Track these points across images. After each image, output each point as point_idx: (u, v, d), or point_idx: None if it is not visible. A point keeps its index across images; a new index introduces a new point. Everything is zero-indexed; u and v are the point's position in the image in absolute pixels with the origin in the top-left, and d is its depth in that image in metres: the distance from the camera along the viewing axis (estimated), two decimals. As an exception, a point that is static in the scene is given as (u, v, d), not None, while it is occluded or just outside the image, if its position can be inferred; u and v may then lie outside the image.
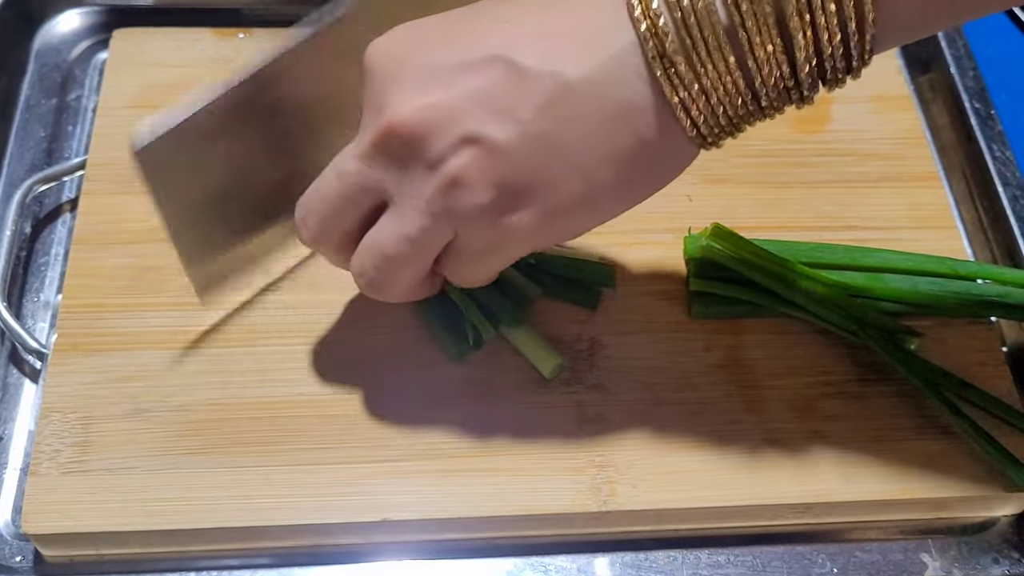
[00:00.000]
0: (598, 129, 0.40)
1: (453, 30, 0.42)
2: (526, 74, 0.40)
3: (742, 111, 0.41)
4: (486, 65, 0.40)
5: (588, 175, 0.41)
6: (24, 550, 0.51)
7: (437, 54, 0.41)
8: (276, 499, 0.50)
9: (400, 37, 0.43)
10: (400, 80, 0.41)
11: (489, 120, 0.40)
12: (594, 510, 0.51)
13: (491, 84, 0.40)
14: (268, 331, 0.55)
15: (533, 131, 0.40)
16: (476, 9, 0.43)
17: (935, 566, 0.53)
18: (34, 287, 0.60)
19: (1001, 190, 0.65)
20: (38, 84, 0.68)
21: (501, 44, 0.40)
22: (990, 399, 0.55)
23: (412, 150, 0.41)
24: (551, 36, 0.40)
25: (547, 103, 0.40)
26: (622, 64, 0.40)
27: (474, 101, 0.40)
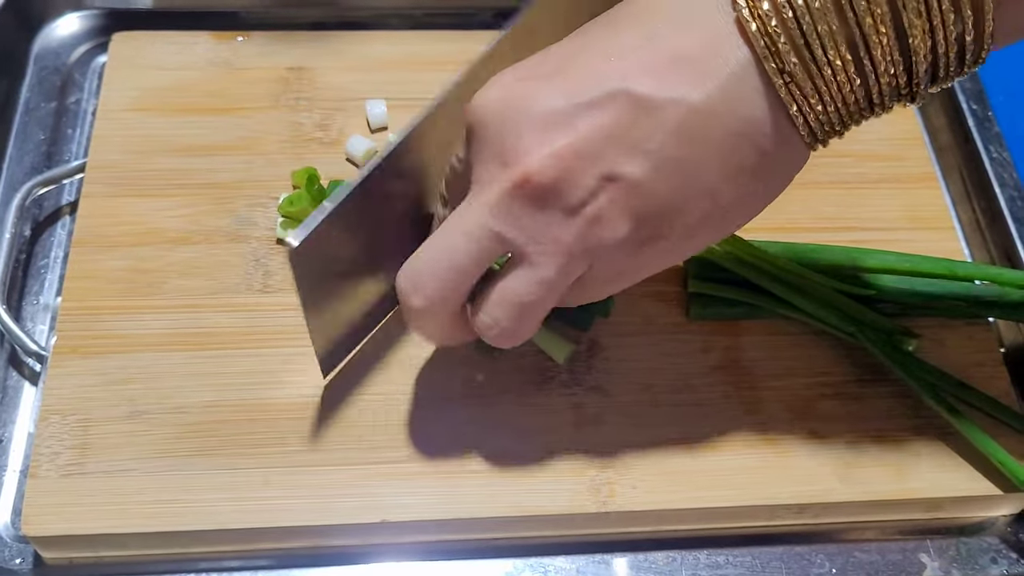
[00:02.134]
0: (722, 148, 0.40)
1: (562, 71, 0.41)
2: (649, 105, 0.39)
3: (854, 111, 0.41)
4: (608, 102, 0.40)
5: (716, 193, 0.41)
6: (24, 552, 0.51)
7: (553, 98, 0.40)
8: (275, 501, 0.50)
9: (506, 84, 0.42)
10: (520, 129, 0.41)
11: (621, 156, 0.40)
12: (593, 511, 0.51)
13: (616, 120, 0.40)
14: (267, 333, 0.56)
15: (664, 160, 0.40)
16: (576, 46, 0.42)
17: (933, 566, 0.53)
18: (33, 290, 0.60)
19: (998, 191, 0.65)
20: (37, 87, 0.68)
21: (618, 78, 0.40)
22: (988, 400, 0.55)
23: (548, 198, 0.41)
24: (665, 63, 0.40)
25: (674, 130, 0.40)
26: (741, 82, 0.39)
27: (603, 140, 0.40)
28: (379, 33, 0.69)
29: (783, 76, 0.39)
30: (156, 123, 0.63)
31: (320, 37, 0.68)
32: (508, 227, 0.42)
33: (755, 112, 0.40)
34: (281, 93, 0.65)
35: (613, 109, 0.40)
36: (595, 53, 0.41)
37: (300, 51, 0.67)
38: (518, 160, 0.40)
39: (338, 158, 0.63)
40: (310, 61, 0.67)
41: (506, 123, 0.41)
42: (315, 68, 0.67)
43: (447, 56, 0.68)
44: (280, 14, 0.72)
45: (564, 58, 0.42)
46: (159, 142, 0.62)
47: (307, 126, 0.64)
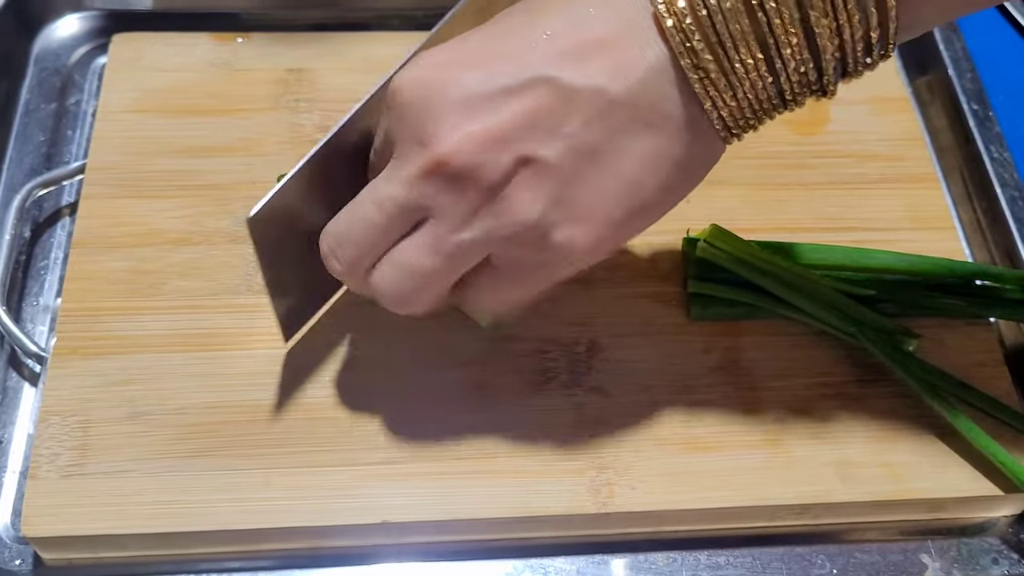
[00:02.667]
0: (639, 138, 0.41)
1: (485, 53, 0.42)
2: (570, 92, 0.40)
3: (766, 105, 0.42)
4: (528, 88, 0.41)
5: (631, 184, 0.42)
6: (23, 553, 0.51)
7: (475, 80, 0.41)
8: (275, 502, 0.50)
9: (428, 65, 0.42)
10: (441, 110, 0.41)
11: (538, 140, 0.41)
12: (593, 512, 0.51)
13: (536, 105, 0.41)
14: (267, 334, 0.55)
15: (580, 144, 0.41)
16: (498, 31, 0.43)
17: (935, 567, 0.53)
18: (33, 291, 0.60)
19: (999, 191, 0.65)
20: (37, 88, 0.68)
21: (541, 64, 0.41)
22: (989, 400, 0.55)
23: (462, 179, 0.41)
24: (588, 52, 0.41)
25: (592, 118, 0.41)
26: (658, 74, 0.41)
27: (521, 124, 0.41)
28: (380, 34, 0.69)
29: (698, 72, 0.40)
30: (156, 124, 0.63)
31: (320, 38, 0.68)
32: (417, 200, 0.43)
33: (671, 105, 0.41)
34: (281, 94, 0.65)
35: (533, 95, 0.41)
36: (516, 38, 0.42)
37: (300, 52, 0.67)
38: (435, 141, 0.41)
39: (338, 159, 0.63)
40: (310, 62, 0.67)
41: (425, 105, 0.42)
42: (315, 69, 0.67)
43: (447, 57, 0.68)
44: (280, 15, 0.72)
45: (485, 41, 0.43)
46: (159, 143, 0.62)
47: (307, 127, 0.64)
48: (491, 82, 0.41)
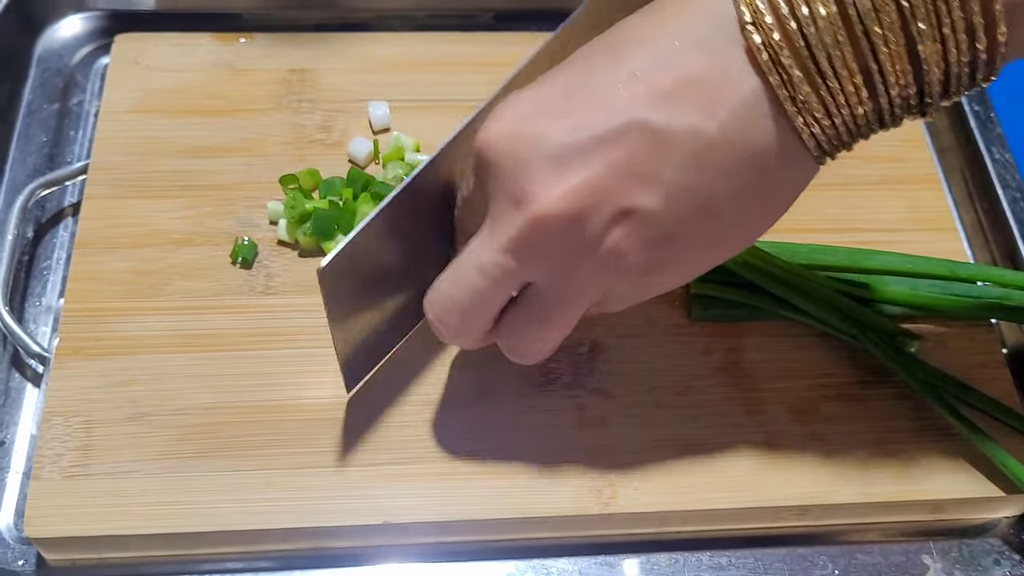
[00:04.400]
0: (734, 173, 0.40)
1: (571, 100, 0.40)
2: (663, 135, 0.39)
3: (864, 127, 0.40)
4: (621, 135, 0.39)
5: (727, 218, 0.41)
6: (27, 554, 0.51)
7: (565, 131, 0.40)
8: (277, 502, 0.50)
9: (514, 117, 0.41)
10: (534, 166, 0.40)
11: (636, 189, 0.40)
12: (595, 513, 0.51)
13: (630, 153, 0.39)
14: (269, 334, 0.56)
15: (677, 188, 0.40)
16: (581, 74, 0.41)
17: (936, 568, 0.53)
18: (36, 291, 0.60)
19: (1001, 192, 0.65)
20: (40, 89, 0.68)
21: (629, 108, 0.39)
22: (990, 401, 0.55)
23: (564, 236, 0.41)
24: (677, 90, 0.39)
25: (687, 159, 0.39)
26: (753, 109, 0.39)
27: (618, 173, 0.39)
28: (381, 35, 0.70)
29: (796, 103, 0.39)
30: (158, 125, 0.63)
31: (322, 39, 0.68)
32: (523, 265, 0.42)
33: (767, 137, 0.39)
34: (283, 95, 0.65)
35: (626, 142, 0.39)
36: (602, 81, 0.40)
37: (302, 53, 0.68)
38: (532, 199, 0.40)
39: (340, 160, 0.63)
40: (312, 63, 0.67)
41: (517, 161, 0.40)
42: (317, 70, 0.67)
43: (449, 58, 0.68)
44: (282, 16, 0.72)
45: (570, 88, 0.41)
46: (161, 144, 0.62)
47: (309, 128, 0.64)
48: (582, 132, 0.40)
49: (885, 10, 0.37)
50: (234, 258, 0.58)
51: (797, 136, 0.40)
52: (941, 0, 0.37)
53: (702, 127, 0.39)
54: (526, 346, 0.46)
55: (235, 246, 0.58)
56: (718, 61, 0.39)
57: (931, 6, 0.37)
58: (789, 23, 0.38)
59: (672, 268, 0.43)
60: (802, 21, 0.38)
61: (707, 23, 0.40)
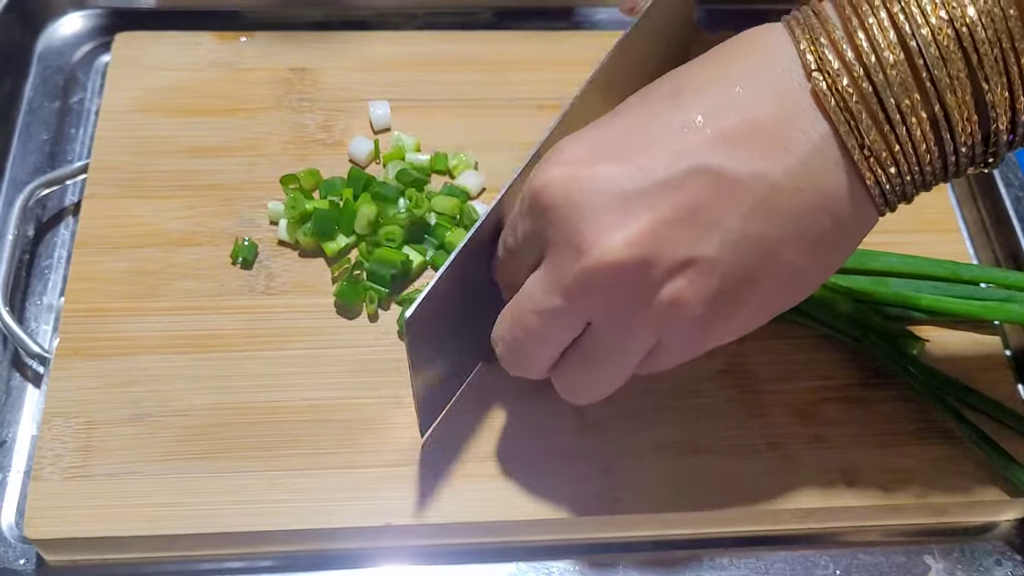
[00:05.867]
0: (801, 221, 0.39)
1: (632, 143, 0.39)
2: (729, 181, 0.38)
3: (929, 178, 0.40)
4: (685, 180, 0.38)
5: (792, 266, 0.40)
6: (28, 553, 0.51)
7: (626, 175, 0.39)
8: (278, 504, 0.50)
9: (572, 161, 0.40)
10: (593, 213, 0.39)
11: (699, 238, 0.39)
12: (596, 515, 0.51)
13: (694, 199, 0.38)
14: (270, 335, 0.56)
15: (742, 237, 0.39)
16: (641, 117, 0.41)
17: (938, 568, 0.53)
18: (37, 290, 0.60)
19: (1003, 191, 0.65)
20: (41, 87, 0.68)
21: (694, 153, 0.38)
22: (993, 404, 0.55)
23: (623, 283, 0.40)
24: (742, 135, 0.38)
25: (754, 207, 0.39)
26: (821, 155, 0.38)
27: (681, 220, 0.38)
28: (382, 33, 0.69)
29: (863, 151, 0.38)
30: (159, 124, 0.63)
31: (323, 37, 0.68)
32: (580, 309, 0.41)
33: (834, 185, 0.39)
34: (284, 94, 0.65)
35: (691, 187, 0.38)
36: (664, 125, 0.39)
37: (303, 51, 0.67)
38: (592, 246, 0.39)
39: (341, 159, 0.63)
40: (313, 61, 0.67)
41: (576, 207, 0.39)
42: (318, 68, 0.67)
43: (450, 56, 0.68)
44: (283, 14, 0.72)
45: (630, 131, 0.40)
46: (162, 143, 0.62)
47: (310, 127, 0.64)
48: (644, 177, 0.39)
49: (952, 59, 0.37)
50: (235, 258, 0.58)
51: (862, 184, 0.39)
52: (1009, 47, 0.37)
53: (768, 173, 0.38)
54: (579, 387, 0.46)
55: (236, 246, 0.58)
56: (785, 107, 0.38)
57: (998, 53, 0.37)
58: (855, 68, 0.37)
59: (730, 319, 0.42)
60: (870, 68, 0.37)
61: (772, 69, 0.39)
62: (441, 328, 0.48)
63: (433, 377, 0.50)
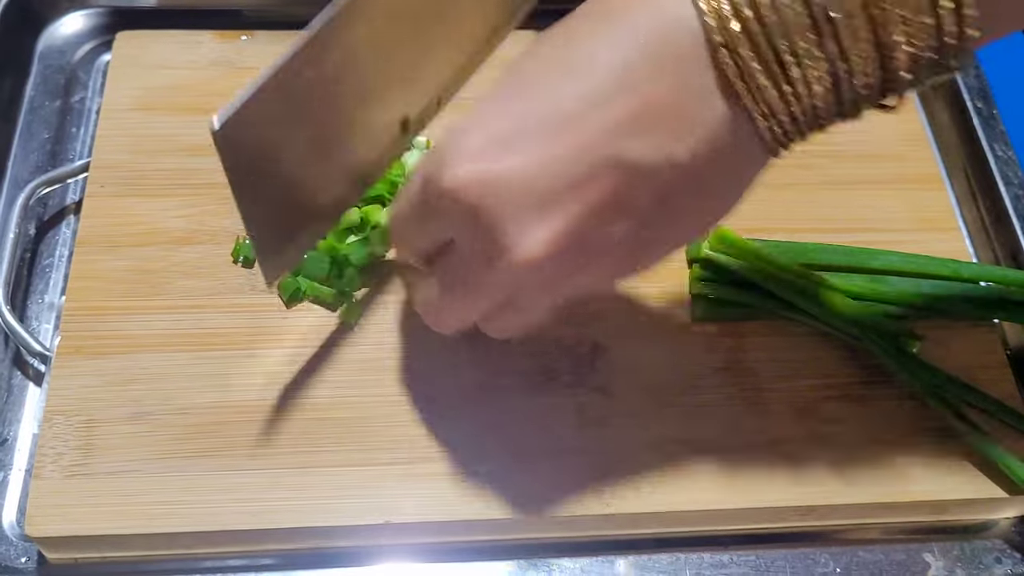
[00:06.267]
0: (702, 181, 0.40)
1: (535, 133, 0.39)
2: (641, 170, 0.38)
3: (823, 118, 0.39)
4: (597, 174, 0.38)
5: (696, 225, 0.42)
6: (29, 551, 0.51)
7: (537, 174, 0.39)
8: (279, 502, 0.50)
9: (478, 155, 0.40)
10: (510, 213, 0.39)
11: (614, 223, 0.40)
12: (597, 512, 0.51)
13: (610, 192, 0.39)
14: (271, 334, 0.56)
15: (653, 216, 0.40)
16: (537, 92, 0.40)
17: (938, 566, 0.53)
18: (38, 289, 0.60)
19: (1003, 190, 0.65)
20: (42, 86, 0.68)
21: (602, 144, 0.38)
22: (992, 402, 0.55)
23: (551, 271, 0.41)
24: (649, 119, 0.38)
25: (665, 187, 0.39)
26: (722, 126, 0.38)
27: (596, 215, 0.39)
28: (383, 32, 0.69)
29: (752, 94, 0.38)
30: (160, 122, 0.63)
31: (324, 36, 0.68)
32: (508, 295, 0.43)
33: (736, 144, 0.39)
34: (285, 92, 0.65)
35: (603, 180, 0.39)
36: (563, 107, 0.39)
37: (304, 50, 0.67)
38: (515, 250, 0.40)
39: (342, 158, 0.63)
40: (314, 60, 0.67)
41: (493, 210, 0.39)
42: (319, 67, 0.66)
43: (451, 55, 0.68)
44: (284, 12, 0.72)
45: (529, 115, 0.39)
46: (163, 141, 0.62)
47: (311, 125, 0.64)
48: (555, 175, 0.39)
49: None
50: (236, 257, 0.58)
51: (757, 131, 0.39)
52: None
53: (675, 155, 0.38)
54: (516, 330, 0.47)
55: (237, 245, 0.58)
56: (680, 79, 0.38)
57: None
58: (744, 10, 0.37)
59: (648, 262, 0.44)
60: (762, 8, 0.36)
61: (660, 27, 0.38)
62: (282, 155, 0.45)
63: (277, 210, 0.48)
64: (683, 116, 0.38)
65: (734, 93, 0.38)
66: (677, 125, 0.38)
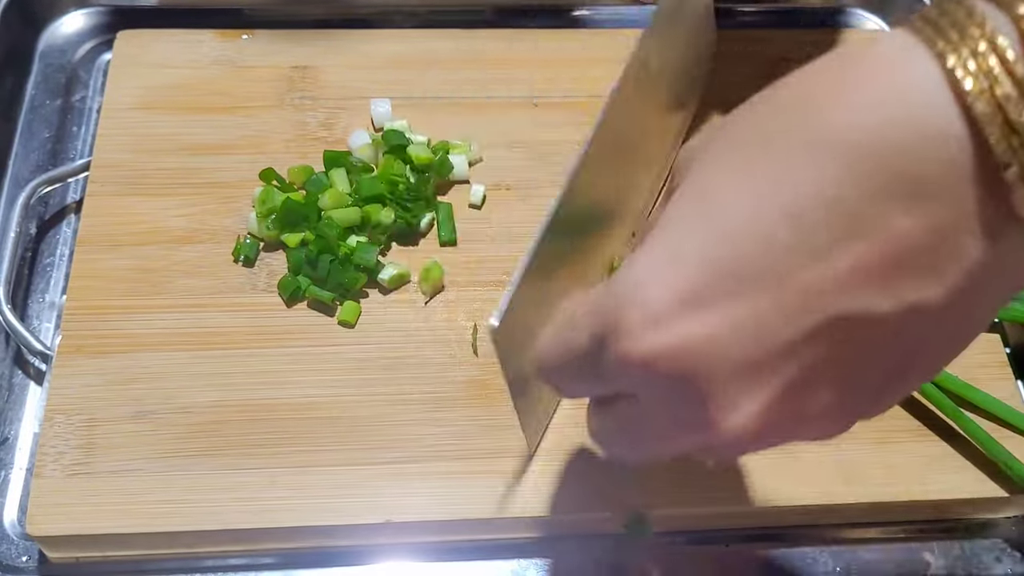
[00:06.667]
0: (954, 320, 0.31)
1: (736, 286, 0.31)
2: (882, 323, 0.30)
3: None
4: (820, 333, 0.30)
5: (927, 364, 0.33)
6: (30, 550, 0.52)
7: (749, 344, 0.31)
8: (280, 501, 0.50)
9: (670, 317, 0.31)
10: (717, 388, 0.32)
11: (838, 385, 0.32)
12: (598, 512, 0.51)
13: (836, 351, 0.31)
14: (271, 333, 0.56)
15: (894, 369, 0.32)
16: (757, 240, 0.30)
17: (938, 565, 0.53)
18: (39, 288, 0.60)
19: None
20: (43, 85, 0.68)
21: (829, 300, 0.30)
22: (993, 402, 0.55)
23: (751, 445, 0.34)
24: (892, 264, 0.29)
25: (908, 336, 0.31)
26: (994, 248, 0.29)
27: (814, 382, 0.31)
28: (384, 31, 0.69)
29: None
30: (161, 121, 0.63)
31: (325, 35, 0.68)
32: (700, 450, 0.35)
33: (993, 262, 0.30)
34: (286, 92, 0.65)
35: (828, 338, 0.30)
36: (777, 253, 0.30)
37: (305, 49, 0.67)
38: (722, 424, 0.32)
39: (342, 157, 0.63)
40: (315, 59, 0.67)
41: (693, 384, 0.32)
42: (320, 66, 0.67)
43: (452, 54, 0.68)
44: (284, 12, 0.72)
45: (727, 262, 0.31)
46: (164, 141, 0.62)
47: (312, 125, 0.64)
48: (767, 339, 0.31)
49: None
50: (236, 256, 0.58)
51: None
52: None
53: (925, 301, 0.30)
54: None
55: (237, 244, 0.58)
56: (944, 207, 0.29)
57: None
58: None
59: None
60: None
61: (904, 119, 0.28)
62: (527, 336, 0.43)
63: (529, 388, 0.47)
64: (941, 252, 0.29)
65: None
66: (931, 264, 0.29)
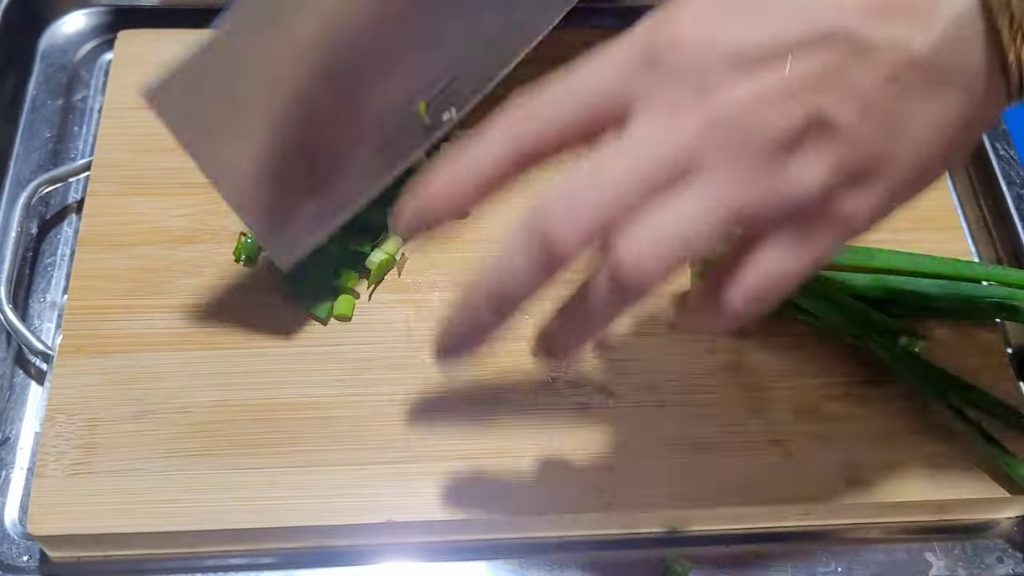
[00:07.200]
0: (935, 97, 0.37)
1: (761, 5, 0.37)
2: (868, 49, 0.36)
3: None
4: (821, 42, 0.36)
5: (921, 146, 0.38)
6: (31, 549, 0.52)
7: (759, 32, 0.36)
8: (281, 501, 0.50)
9: (694, 20, 0.37)
10: (721, 66, 0.36)
11: (830, 101, 0.36)
12: (598, 511, 0.51)
13: (828, 62, 0.36)
14: (271, 333, 0.56)
15: (873, 109, 0.36)
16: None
17: (939, 565, 0.53)
18: (40, 287, 0.60)
19: (1005, 189, 0.65)
20: (44, 84, 0.68)
21: (834, 17, 0.36)
22: (994, 402, 0.55)
23: (749, 134, 0.36)
24: (892, 5, 0.36)
25: (889, 78, 0.36)
26: (964, 27, 0.36)
27: (812, 82, 0.36)
28: (385, 30, 0.69)
29: (1012, 25, 0.35)
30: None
31: (326, 35, 0.68)
32: (696, 154, 0.36)
33: (973, 60, 0.36)
34: (287, 91, 0.65)
35: (826, 51, 0.36)
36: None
37: (306, 49, 0.67)
38: (718, 94, 0.36)
39: (344, 157, 0.63)
40: (316, 59, 0.67)
41: (701, 62, 0.36)
42: (321, 66, 0.66)
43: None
44: (286, 11, 0.72)
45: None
46: (165, 140, 0.61)
47: (313, 124, 0.64)
48: (777, 39, 0.36)
49: None
50: (237, 255, 0.58)
51: (1001, 63, 0.36)
52: None
53: (910, 44, 0.36)
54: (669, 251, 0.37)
55: (238, 243, 0.58)
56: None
57: None
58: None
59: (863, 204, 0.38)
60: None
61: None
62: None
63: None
64: (927, 5, 0.36)
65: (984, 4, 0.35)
66: (915, 12, 0.36)
